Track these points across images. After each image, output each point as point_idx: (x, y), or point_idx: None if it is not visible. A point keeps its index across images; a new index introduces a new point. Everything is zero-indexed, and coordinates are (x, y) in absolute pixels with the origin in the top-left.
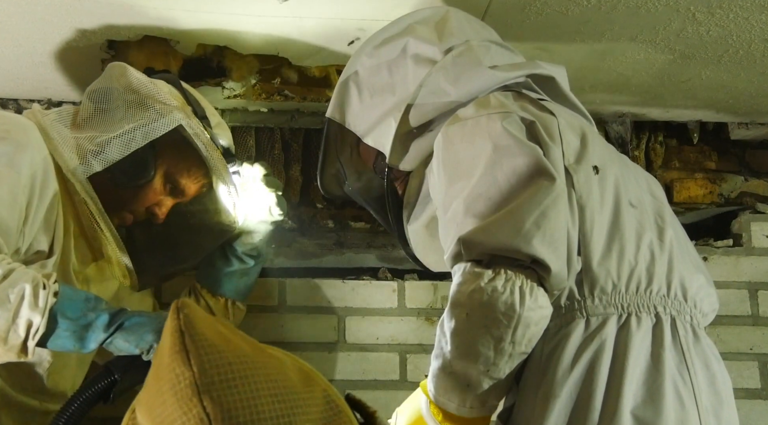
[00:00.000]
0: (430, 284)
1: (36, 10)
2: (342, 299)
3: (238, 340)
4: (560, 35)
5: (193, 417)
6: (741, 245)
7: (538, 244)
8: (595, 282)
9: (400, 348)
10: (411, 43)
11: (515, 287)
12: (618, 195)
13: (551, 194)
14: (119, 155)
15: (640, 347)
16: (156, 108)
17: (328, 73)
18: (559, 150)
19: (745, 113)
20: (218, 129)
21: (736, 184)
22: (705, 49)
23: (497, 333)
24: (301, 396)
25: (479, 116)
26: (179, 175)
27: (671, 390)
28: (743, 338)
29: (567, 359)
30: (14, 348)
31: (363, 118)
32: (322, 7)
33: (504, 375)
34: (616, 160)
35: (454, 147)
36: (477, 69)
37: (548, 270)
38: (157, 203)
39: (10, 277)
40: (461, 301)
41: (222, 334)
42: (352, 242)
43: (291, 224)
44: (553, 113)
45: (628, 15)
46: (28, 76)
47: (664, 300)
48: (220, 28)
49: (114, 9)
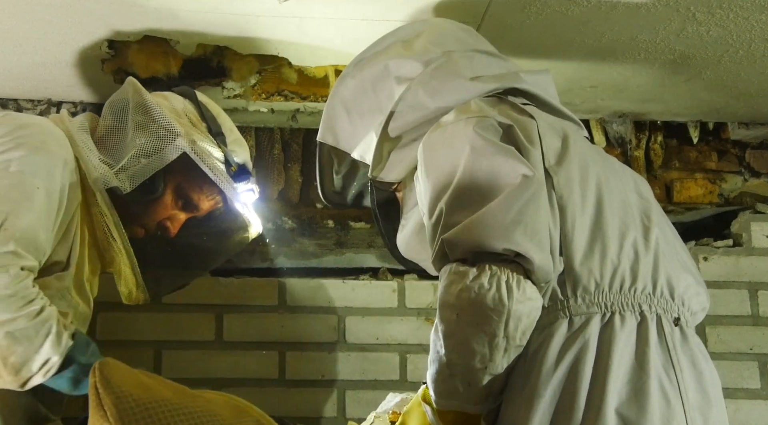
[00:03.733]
0: (430, 285)
1: (36, 10)
2: (342, 299)
3: (161, 387)
4: (560, 35)
5: None
6: (741, 245)
7: (519, 238)
8: (578, 282)
9: (400, 348)
10: (392, 64)
11: (501, 282)
12: (600, 195)
13: (530, 188)
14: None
15: (624, 345)
16: (160, 134)
17: (327, 73)
18: (538, 152)
19: (745, 113)
20: (234, 145)
21: (736, 184)
22: (705, 49)
23: (489, 329)
24: None
25: (458, 121)
26: (191, 191)
27: (656, 388)
28: (743, 338)
29: (551, 359)
30: (21, 380)
31: (354, 137)
32: (322, 7)
33: (502, 368)
34: (599, 161)
35: (435, 153)
36: (456, 81)
37: (532, 263)
38: (169, 218)
39: (43, 313)
40: (450, 302)
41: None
42: (352, 242)
43: (291, 224)
44: (533, 116)
45: (628, 15)
46: (28, 76)
47: (649, 298)
48: (220, 28)
49: (114, 9)
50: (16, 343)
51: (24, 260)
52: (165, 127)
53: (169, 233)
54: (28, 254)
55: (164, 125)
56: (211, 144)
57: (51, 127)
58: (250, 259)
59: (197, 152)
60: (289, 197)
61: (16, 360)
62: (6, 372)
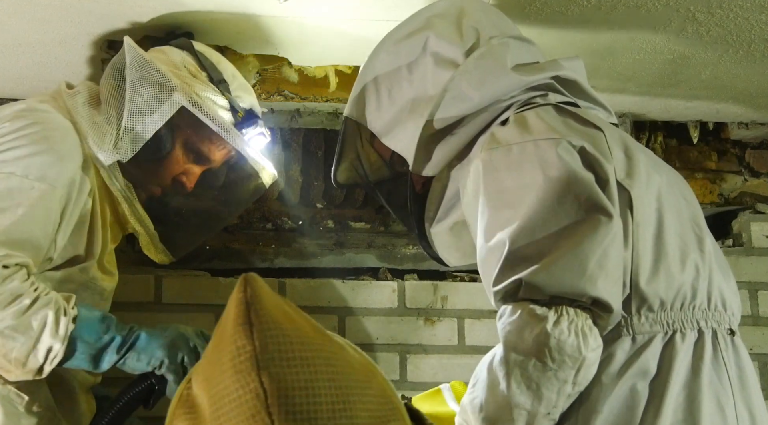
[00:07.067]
0: (430, 284)
1: (36, 10)
2: (342, 299)
3: (302, 321)
4: (560, 35)
5: (250, 391)
6: (741, 245)
7: (602, 285)
8: (643, 301)
9: (400, 348)
10: (432, 40)
11: (578, 329)
12: (660, 208)
13: (611, 231)
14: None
15: (682, 363)
16: (156, 90)
17: (327, 74)
18: (612, 166)
19: (745, 113)
20: (239, 91)
21: (736, 184)
22: (705, 49)
23: (563, 375)
24: (360, 386)
25: (525, 142)
26: (200, 144)
27: (712, 404)
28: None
29: (611, 376)
30: (32, 371)
31: (381, 116)
32: (322, 7)
33: (559, 414)
34: (656, 167)
35: (498, 174)
36: (500, 72)
37: (610, 310)
38: (184, 173)
39: (35, 305)
40: (525, 345)
41: (286, 313)
42: (352, 242)
43: (291, 224)
44: (599, 127)
45: (628, 15)
46: (28, 76)
47: (705, 314)
48: (220, 27)
49: (114, 9)
50: (10, 340)
51: (9, 259)
52: (161, 83)
53: (185, 189)
54: (16, 251)
55: (160, 81)
56: (214, 93)
57: (56, 120)
58: (250, 259)
59: (197, 105)
60: (289, 197)
61: (18, 355)
62: (13, 367)
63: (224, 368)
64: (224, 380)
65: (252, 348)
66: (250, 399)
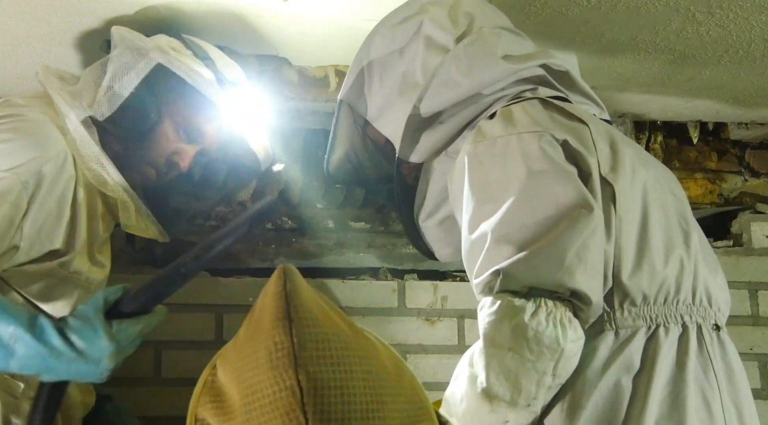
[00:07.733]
0: (430, 284)
1: (36, 10)
2: (342, 299)
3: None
4: (560, 35)
5: (286, 388)
6: (741, 245)
7: (581, 277)
8: (626, 295)
9: (400, 348)
10: (426, 24)
11: (557, 320)
12: (645, 202)
13: (591, 223)
14: (110, 104)
15: (665, 357)
16: (134, 54)
17: (327, 73)
18: (595, 160)
19: (745, 113)
20: (225, 68)
21: (736, 184)
22: (705, 49)
23: (542, 366)
24: (392, 385)
25: (509, 135)
26: (188, 115)
27: (697, 399)
28: (743, 338)
29: (595, 371)
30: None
31: (372, 100)
32: (322, 7)
33: (541, 407)
34: (643, 161)
35: (483, 167)
36: (490, 59)
37: (589, 302)
38: (176, 152)
39: None
40: (502, 338)
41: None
42: (351, 242)
43: (291, 224)
44: (584, 121)
45: (628, 15)
46: (28, 76)
47: (689, 309)
48: (220, 27)
49: (114, 9)
50: None
51: None
52: (137, 47)
53: (180, 169)
54: None
55: (137, 45)
56: (198, 65)
57: (29, 114)
58: (250, 259)
59: (174, 64)
60: (289, 197)
61: None
62: None
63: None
64: (259, 374)
65: (290, 345)
66: (285, 396)
